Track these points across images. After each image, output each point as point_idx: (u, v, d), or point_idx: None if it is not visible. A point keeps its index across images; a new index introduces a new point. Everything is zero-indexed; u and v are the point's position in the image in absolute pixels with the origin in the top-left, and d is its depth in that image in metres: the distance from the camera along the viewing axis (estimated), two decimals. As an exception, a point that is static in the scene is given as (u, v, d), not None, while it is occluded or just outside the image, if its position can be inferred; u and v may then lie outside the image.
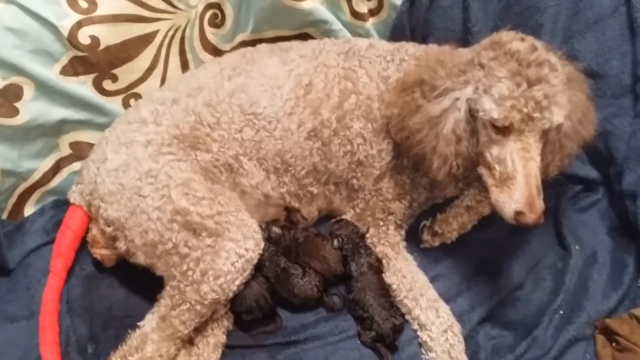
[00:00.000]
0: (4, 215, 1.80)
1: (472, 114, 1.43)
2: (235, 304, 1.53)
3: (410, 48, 1.72)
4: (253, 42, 1.83)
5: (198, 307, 1.44)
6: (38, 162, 1.79)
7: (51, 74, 1.67)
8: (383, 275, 1.61)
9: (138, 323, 1.49)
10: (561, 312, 1.56)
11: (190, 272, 1.44)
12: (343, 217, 1.75)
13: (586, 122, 1.53)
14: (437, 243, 1.73)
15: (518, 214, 1.34)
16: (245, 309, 1.53)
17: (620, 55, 1.72)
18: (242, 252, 1.46)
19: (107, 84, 1.76)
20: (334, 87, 1.64)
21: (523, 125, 1.35)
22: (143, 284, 1.58)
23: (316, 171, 1.68)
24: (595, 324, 1.54)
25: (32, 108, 1.67)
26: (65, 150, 1.82)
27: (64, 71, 1.69)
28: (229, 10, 1.81)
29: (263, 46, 1.77)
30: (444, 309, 1.53)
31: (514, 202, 1.34)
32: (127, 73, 1.77)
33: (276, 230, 1.67)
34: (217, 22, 1.83)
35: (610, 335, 1.50)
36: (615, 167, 1.75)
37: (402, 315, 1.55)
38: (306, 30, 1.89)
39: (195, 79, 1.69)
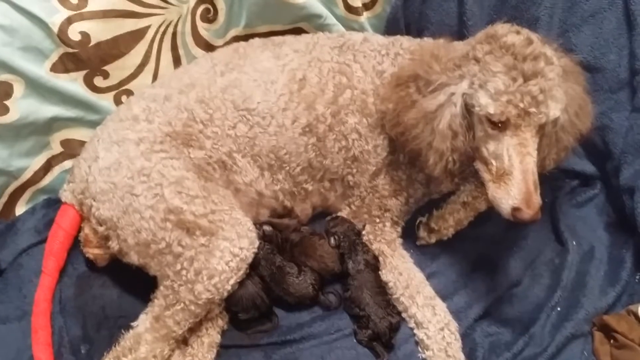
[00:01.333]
0: (-5, 215, 1.79)
1: (467, 109, 1.41)
2: (232, 304, 1.52)
3: (405, 42, 1.70)
4: (246, 37, 1.81)
5: (192, 307, 1.43)
6: (29, 161, 1.77)
7: (41, 71, 1.64)
8: (379, 272, 1.59)
9: (132, 323, 1.48)
10: (559, 308, 1.55)
11: (184, 272, 1.43)
12: (338, 214, 1.73)
13: (583, 114, 1.51)
14: (433, 240, 1.71)
15: (515, 210, 1.33)
16: (241, 308, 1.51)
17: (617, 48, 1.70)
18: (236, 251, 1.45)
19: (98, 81, 1.74)
20: (328, 82, 1.63)
21: (519, 120, 1.33)
22: (136, 283, 1.57)
23: (311, 168, 1.66)
24: (593, 320, 1.53)
25: (22, 106, 1.65)
26: (56, 148, 1.80)
27: (54, 68, 1.66)
28: (221, 5, 1.79)
29: (256, 41, 1.75)
30: (441, 306, 1.52)
31: (511, 198, 1.33)
32: (118, 69, 1.75)
33: (267, 228, 1.66)
34: (210, 17, 1.81)
35: (608, 332, 1.49)
36: (613, 162, 1.74)
37: (399, 313, 1.54)
38: (300, 24, 1.87)
39: (187, 75, 1.67)
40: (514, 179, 1.34)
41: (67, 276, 1.64)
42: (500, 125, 1.35)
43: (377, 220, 1.67)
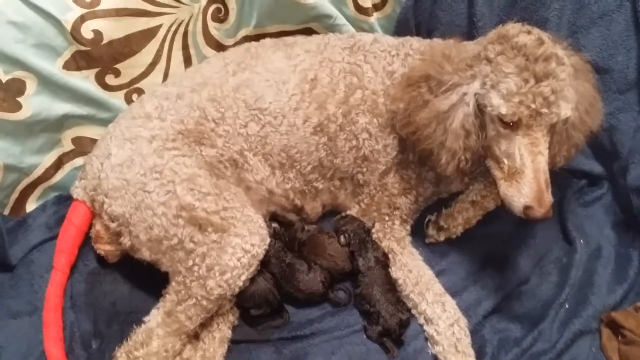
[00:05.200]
0: (6, 211, 1.79)
1: (479, 108, 1.43)
2: (244, 300, 1.53)
3: (415, 43, 1.72)
4: (256, 37, 1.83)
5: (204, 303, 1.44)
6: (40, 158, 1.78)
7: (54, 68, 1.65)
8: (389, 270, 1.60)
9: (143, 318, 1.49)
10: (567, 305, 1.56)
11: (196, 268, 1.44)
12: (348, 212, 1.74)
13: (593, 112, 1.53)
14: (442, 238, 1.73)
15: (527, 208, 1.34)
16: (253, 304, 1.52)
17: (625, 50, 1.72)
18: (248, 248, 1.46)
19: (110, 79, 1.75)
20: (339, 82, 1.64)
21: (531, 121, 1.35)
22: (147, 279, 1.58)
23: (322, 166, 1.68)
24: (601, 317, 1.55)
25: (34, 103, 1.66)
26: (67, 146, 1.81)
27: (67, 66, 1.67)
28: (232, 5, 1.81)
29: (267, 41, 1.76)
30: (450, 303, 1.53)
31: (522, 196, 1.35)
32: (129, 68, 1.76)
33: (275, 226, 1.67)
34: (221, 16, 1.82)
35: (616, 328, 1.51)
36: (620, 162, 1.75)
37: (409, 310, 1.56)
38: (310, 25, 1.89)
39: (199, 74, 1.69)
40: (525, 178, 1.35)
41: (78, 272, 1.64)
42: (512, 125, 1.37)
43: (387, 218, 1.68)
